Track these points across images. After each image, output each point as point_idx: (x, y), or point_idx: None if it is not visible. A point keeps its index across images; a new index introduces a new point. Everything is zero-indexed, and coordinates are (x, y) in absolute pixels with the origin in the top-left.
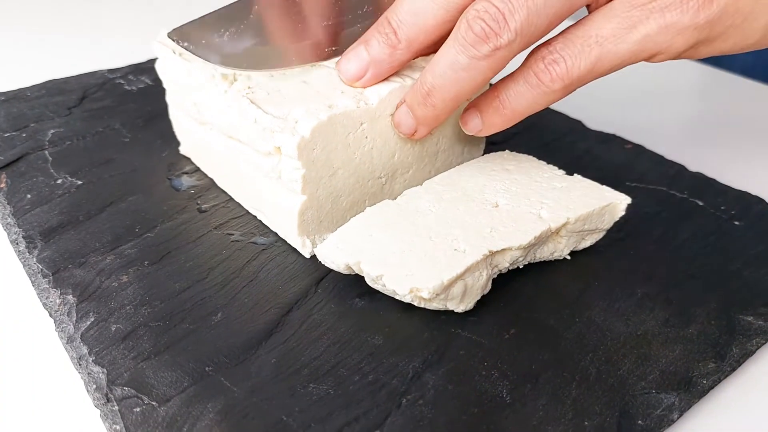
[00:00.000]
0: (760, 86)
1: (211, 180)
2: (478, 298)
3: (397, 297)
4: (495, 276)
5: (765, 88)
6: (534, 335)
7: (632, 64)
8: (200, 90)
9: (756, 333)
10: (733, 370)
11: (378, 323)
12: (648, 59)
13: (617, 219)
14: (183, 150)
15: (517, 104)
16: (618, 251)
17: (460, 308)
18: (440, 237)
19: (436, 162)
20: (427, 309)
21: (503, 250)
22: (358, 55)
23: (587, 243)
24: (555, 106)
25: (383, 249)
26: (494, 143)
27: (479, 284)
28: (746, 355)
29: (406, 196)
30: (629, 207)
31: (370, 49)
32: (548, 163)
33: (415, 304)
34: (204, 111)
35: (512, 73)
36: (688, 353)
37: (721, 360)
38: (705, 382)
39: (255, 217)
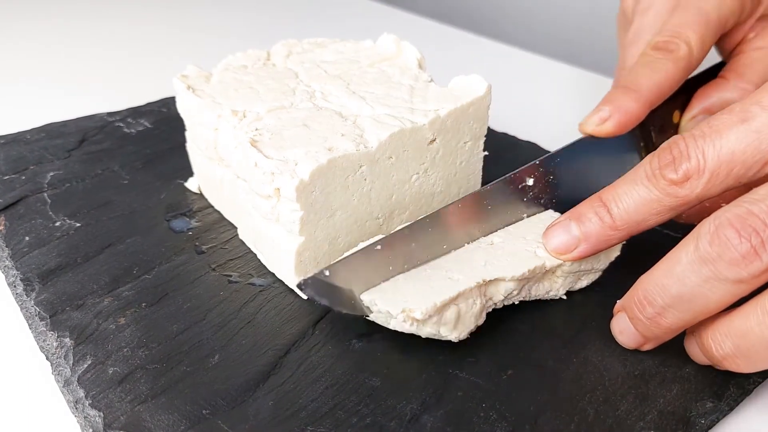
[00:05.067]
0: None
1: (210, 221)
2: (472, 328)
3: (391, 323)
4: (490, 310)
5: None
6: (532, 376)
7: None
8: (209, 127)
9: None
10: (731, 409)
11: (376, 365)
12: None
13: (612, 259)
14: (190, 183)
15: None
16: (614, 291)
17: (453, 335)
18: (435, 269)
19: (432, 203)
20: (425, 350)
21: (496, 280)
22: (568, 231)
23: (583, 283)
24: (542, 143)
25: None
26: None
27: (473, 312)
28: (744, 394)
29: None
30: (624, 247)
31: (582, 226)
32: None
33: (408, 327)
34: (211, 147)
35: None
36: (686, 393)
37: (719, 399)
38: (703, 421)
39: (252, 258)
